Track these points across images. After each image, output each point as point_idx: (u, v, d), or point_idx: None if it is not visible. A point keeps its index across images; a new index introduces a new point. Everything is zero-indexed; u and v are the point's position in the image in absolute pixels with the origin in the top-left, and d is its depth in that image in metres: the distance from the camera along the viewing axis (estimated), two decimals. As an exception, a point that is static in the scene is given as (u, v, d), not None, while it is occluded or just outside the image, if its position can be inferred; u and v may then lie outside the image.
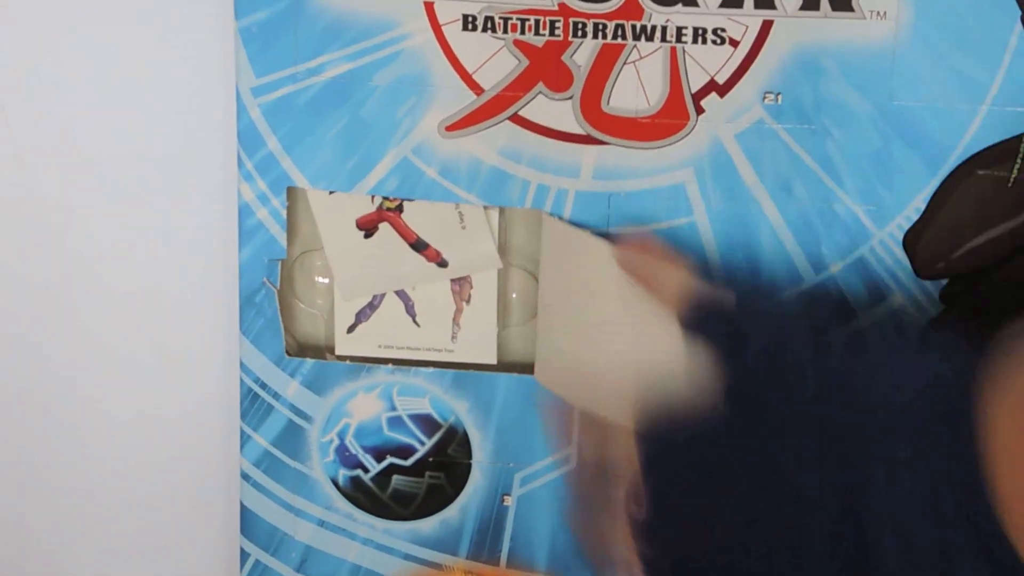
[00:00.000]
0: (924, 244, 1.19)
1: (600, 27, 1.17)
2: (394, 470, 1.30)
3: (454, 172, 1.22)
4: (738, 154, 1.19)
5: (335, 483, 1.31)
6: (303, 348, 1.30)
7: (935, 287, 1.19)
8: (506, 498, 1.29)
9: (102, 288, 1.35)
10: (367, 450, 1.30)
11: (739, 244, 1.20)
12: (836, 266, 1.20)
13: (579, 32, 1.17)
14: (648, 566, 1.09)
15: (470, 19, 1.19)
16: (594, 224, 1.21)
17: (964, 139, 1.16)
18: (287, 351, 1.29)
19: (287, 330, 1.29)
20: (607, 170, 1.20)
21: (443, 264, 1.26)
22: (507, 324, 1.27)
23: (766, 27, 1.16)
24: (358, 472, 1.31)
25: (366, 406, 1.29)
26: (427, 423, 1.29)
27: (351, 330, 1.29)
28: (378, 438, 1.30)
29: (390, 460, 1.30)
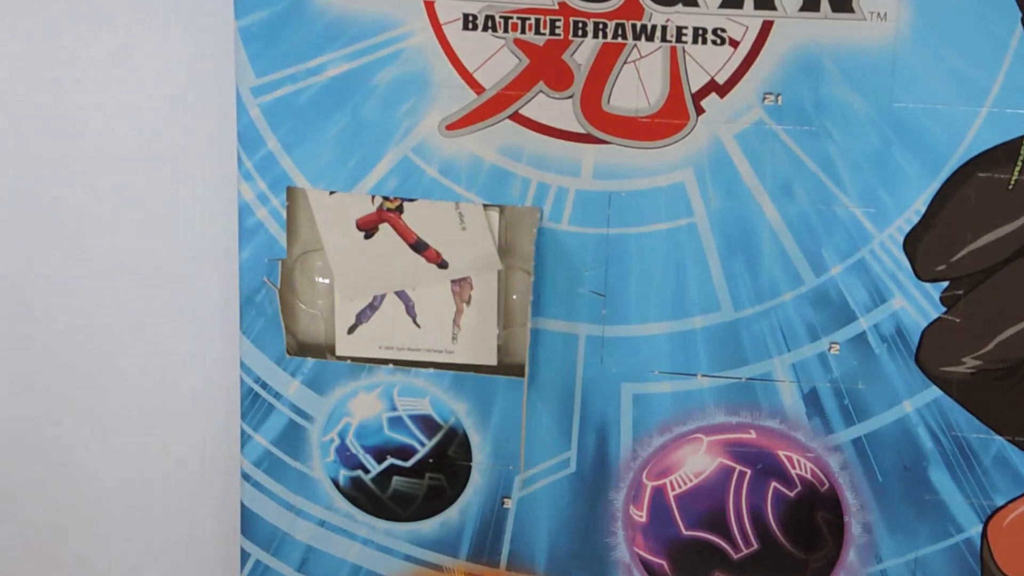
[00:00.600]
0: (924, 246, 1.18)
1: (600, 26, 1.17)
2: (394, 471, 1.30)
3: (454, 171, 1.22)
4: (738, 155, 1.19)
5: (335, 483, 1.31)
6: (304, 348, 1.30)
7: (936, 289, 1.19)
8: (506, 500, 1.29)
9: (102, 288, 1.35)
10: (367, 450, 1.30)
11: (739, 245, 1.20)
12: (836, 268, 1.20)
13: (579, 31, 1.17)
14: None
15: (470, 18, 1.19)
16: (594, 223, 1.21)
17: (964, 141, 1.16)
18: (288, 351, 1.28)
19: (288, 330, 1.28)
20: (607, 169, 1.20)
21: (443, 265, 1.26)
22: (507, 325, 1.27)
23: (766, 27, 1.15)
24: (358, 472, 1.31)
25: (367, 405, 1.29)
26: (427, 424, 1.29)
27: (351, 330, 1.29)
28: (379, 438, 1.30)
29: (390, 461, 1.30)
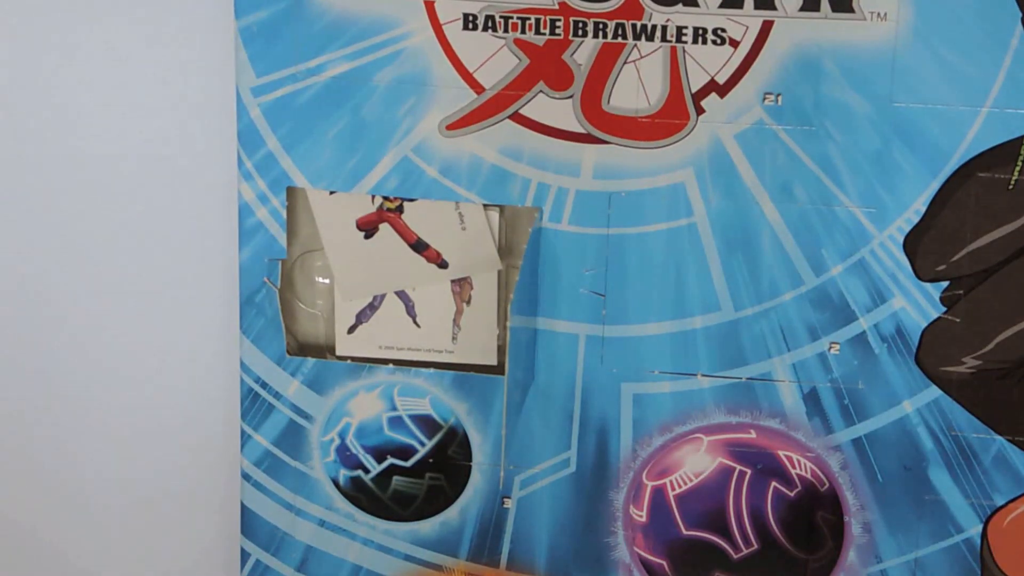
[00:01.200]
0: (925, 246, 1.18)
1: (600, 26, 1.17)
2: (394, 471, 1.30)
3: (454, 171, 1.22)
4: (738, 155, 1.19)
5: (336, 483, 1.31)
6: (304, 348, 1.30)
7: (936, 289, 1.19)
8: (506, 500, 1.29)
9: (102, 287, 1.35)
10: (367, 450, 1.30)
11: (739, 245, 1.20)
12: (836, 268, 1.20)
13: (579, 31, 1.17)
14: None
15: (471, 18, 1.19)
16: (594, 223, 1.21)
17: (964, 141, 1.16)
18: (288, 351, 1.28)
19: (288, 330, 1.29)
20: (607, 169, 1.20)
21: (443, 265, 1.26)
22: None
23: (766, 27, 1.15)
24: (358, 472, 1.31)
25: (367, 405, 1.29)
26: (427, 424, 1.29)
27: (352, 330, 1.29)
28: (379, 438, 1.30)
29: (390, 461, 1.30)
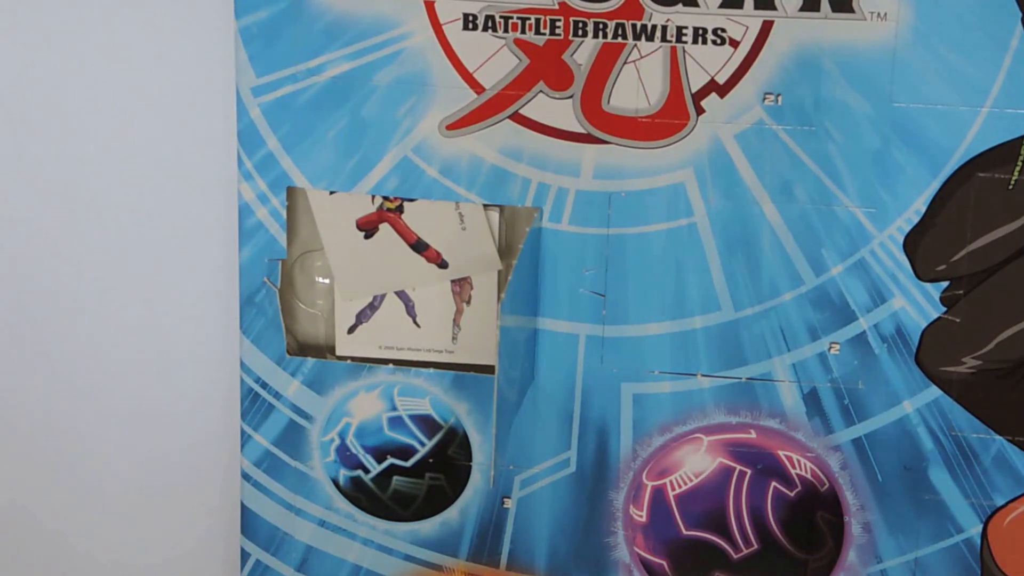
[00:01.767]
0: (925, 246, 1.18)
1: (600, 26, 1.17)
2: (394, 471, 1.30)
3: (455, 171, 1.22)
4: (738, 154, 1.19)
5: (336, 483, 1.31)
6: (304, 348, 1.30)
7: (936, 289, 1.19)
8: (506, 500, 1.29)
9: (102, 287, 1.35)
10: (368, 450, 1.30)
11: (739, 245, 1.20)
12: (836, 268, 1.20)
13: (579, 31, 1.17)
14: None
15: (471, 18, 1.19)
16: (594, 223, 1.21)
17: (964, 141, 1.16)
18: (288, 351, 1.28)
19: (288, 330, 1.29)
20: (607, 169, 1.20)
21: (443, 265, 1.26)
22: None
23: (766, 27, 1.15)
24: (359, 472, 1.31)
25: (367, 405, 1.29)
26: (427, 424, 1.29)
27: (352, 330, 1.29)
28: (379, 438, 1.30)
29: (390, 461, 1.30)
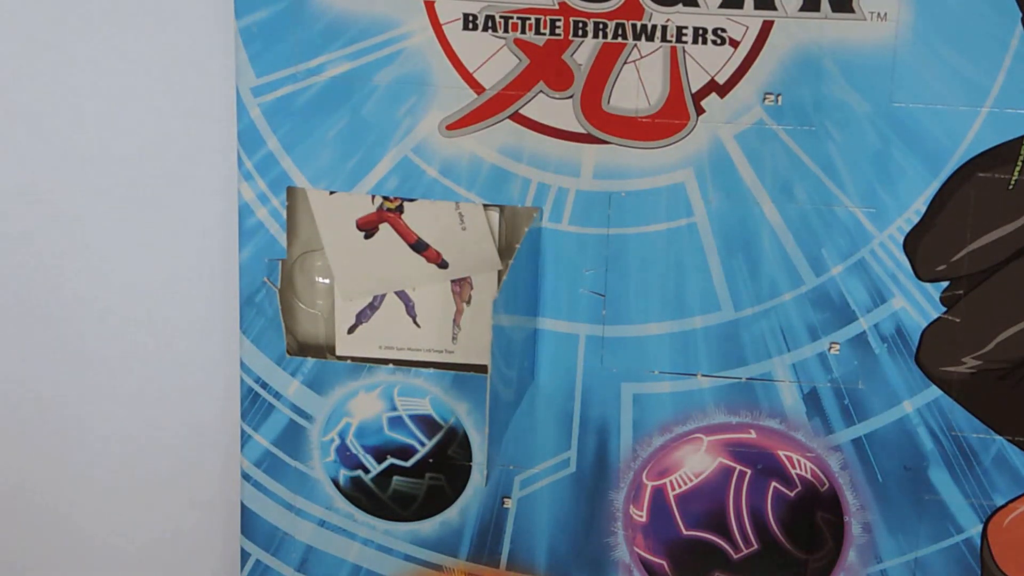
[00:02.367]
0: (925, 246, 1.18)
1: (600, 26, 1.17)
2: (394, 471, 1.30)
3: (455, 171, 1.22)
4: (738, 154, 1.19)
5: (336, 483, 1.31)
6: (304, 348, 1.30)
7: (936, 289, 1.19)
8: (506, 500, 1.29)
9: (102, 288, 1.35)
10: (368, 450, 1.30)
11: (739, 245, 1.20)
12: (836, 268, 1.20)
13: (579, 31, 1.17)
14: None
15: (471, 18, 1.19)
16: (594, 223, 1.21)
17: (964, 141, 1.16)
18: (288, 351, 1.28)
19: (288, 330, 1.29)
20: (607, 169, 1.20)
21: (443, 265, 1.26)
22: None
23: (766, 27, 1.15)
24: (359, 472, 1.31)
25: (367, 405, 1.29)
26: (427, 424, 1.29)
27: (352, 330, 1.29)
28: (379, 438, 1.30)
29: (390, 461, 1.30)
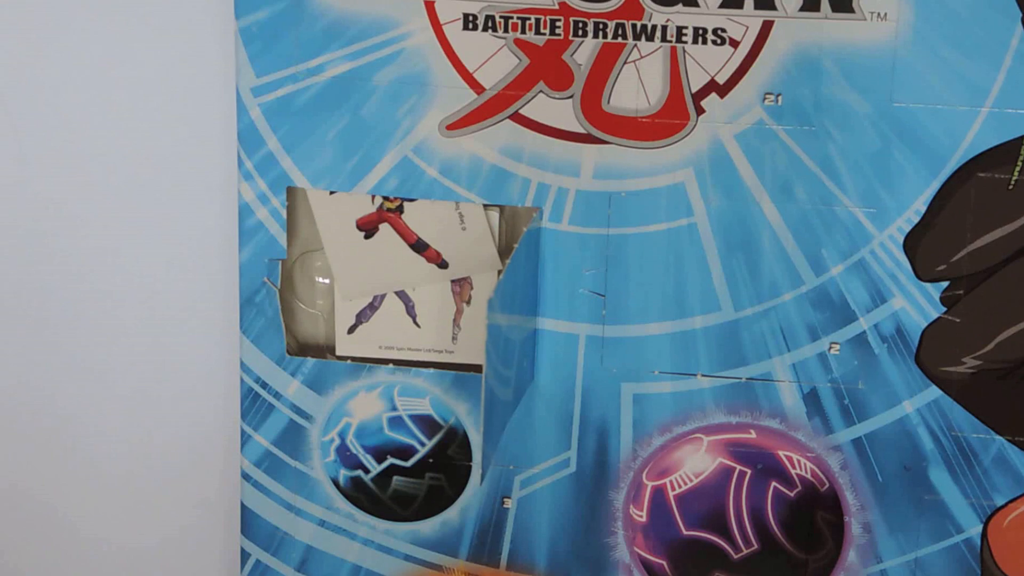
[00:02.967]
0: (925, 246, 1.18)
1: (600, 26, 1.17)
2: (394, 471, 1.30)
3: (455, 171, 1.22)
4: (738, 154, 1.19)
5: (336, 483, 1.31)
6: (304, 348, 1.30)
7: (936, 289, 1.19)
8: (506, 500, 1.29)
9: (102, 288, 1.35)
10: (368, 450, 1.30)
11: (739, 245, 1.20)
12: (836, 268, 1.20)
13: (579, 31, 1.17)
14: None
15: (471, 18, 1.19)
16: (594, 223, 1.21)
17: (965, 141, 1.16)
18: (288, 351, 1.28)
19: (288, 330, 1.29)
20: (607, 169, 1.20)
21: (443, 265, 1.26)
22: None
23: (766, 27, 1.15)
24: (359, 472, 1.31)
25: (367, 405, 1.29)
26: (428, 424, 1.29)
27: (352, 330, 1.29)
28: (379, 438, 1.30)
29: (391, 461, 1.30)
